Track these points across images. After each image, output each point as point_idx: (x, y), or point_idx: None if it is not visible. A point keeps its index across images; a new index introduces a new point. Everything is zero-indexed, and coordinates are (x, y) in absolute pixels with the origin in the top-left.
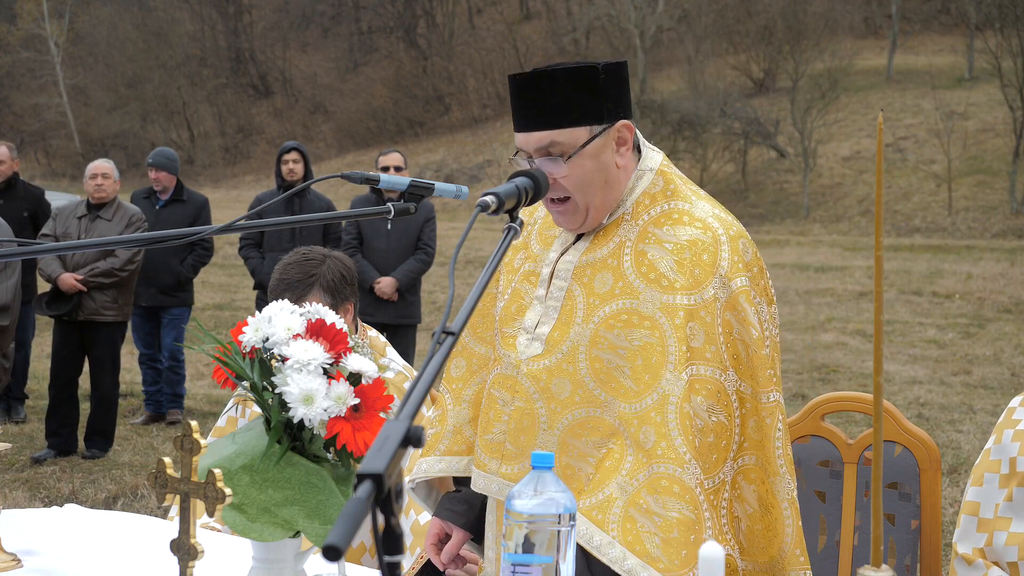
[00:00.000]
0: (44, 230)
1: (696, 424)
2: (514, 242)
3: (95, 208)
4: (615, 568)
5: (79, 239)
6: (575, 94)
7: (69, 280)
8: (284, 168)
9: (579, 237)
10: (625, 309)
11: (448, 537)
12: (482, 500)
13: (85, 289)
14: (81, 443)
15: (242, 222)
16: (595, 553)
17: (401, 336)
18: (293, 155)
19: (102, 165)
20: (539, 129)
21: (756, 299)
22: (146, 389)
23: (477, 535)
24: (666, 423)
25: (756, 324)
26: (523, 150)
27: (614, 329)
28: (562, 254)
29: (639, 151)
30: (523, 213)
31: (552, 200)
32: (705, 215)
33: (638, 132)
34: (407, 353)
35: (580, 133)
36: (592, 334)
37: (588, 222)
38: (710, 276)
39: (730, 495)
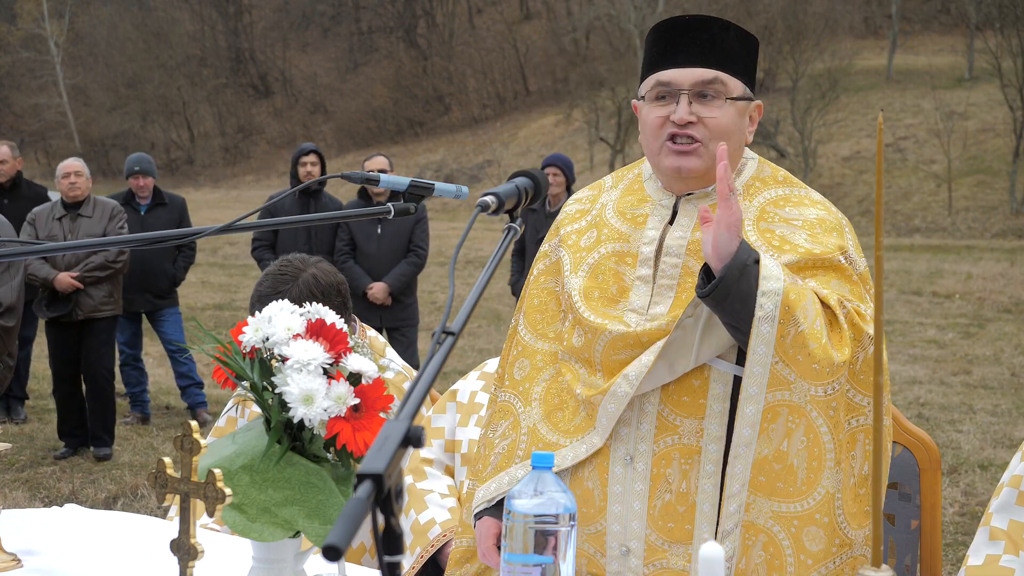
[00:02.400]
0: (22, 237)
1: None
2: (569, 210)
3: (72, 207)
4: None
5: (66, 240)
6: (741, 50)
7: (66, 279)
8: (302, 171)
9: (675, 214)
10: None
11: None
12: None
13: (82, 286)
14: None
15: (241, 222)
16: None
17: (400, 338)
18: (311, 157)
19: (73, 163)
20: (708, 66)
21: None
22: (130, 391)
23: None
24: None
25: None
26: (675, 85)
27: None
28: (664, 231)
29: None
30: (577, 202)
31: (675, 141)
32: (821, 200)
33: None
34: (408, 354)
35: (738, 85)
36: None
37: (708, 176)
38: (840, 252)
39: (862, 438)
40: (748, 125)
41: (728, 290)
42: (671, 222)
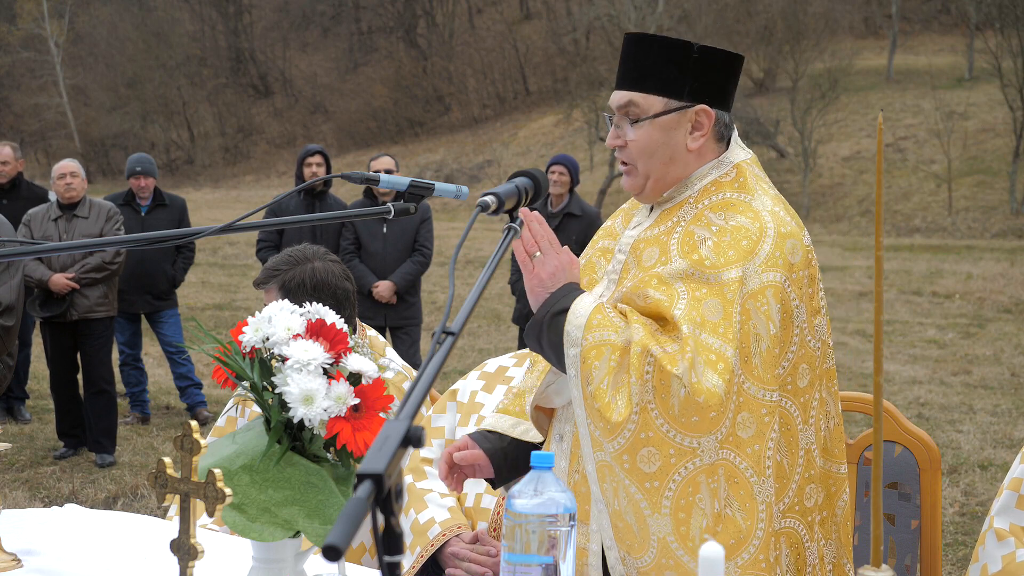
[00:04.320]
0: (18, 237)
1: (689, 376)
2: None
3: (68, 208)
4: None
5: (61, 240)
6: (663, 64)
7: (61, 280)
8: (307, 171)
9: (651, 214)
10: (654, 275)
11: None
12: (507, 447)
13: (78, 287)
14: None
15: (241, 222)
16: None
17: (404, 336)
18: (317, 159)
19: (69, 164)
20: (624, 88)
21: (793, 301)
22: (130, 391)
23: (496, 478)
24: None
25: (777, 321)
26: (611, 110)
27: (637, 290)
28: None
29: (727, 143)
30: (627, 201)
31: (621, 161)
32: (761, 208)
33: (735, 130)
34: (411, 354)
35: (656, 102)
36: (622, 296)
37: (647, 191)
38: (741, 261)
39: (703, 479)
40: (689, 132)
41: (533, 342)
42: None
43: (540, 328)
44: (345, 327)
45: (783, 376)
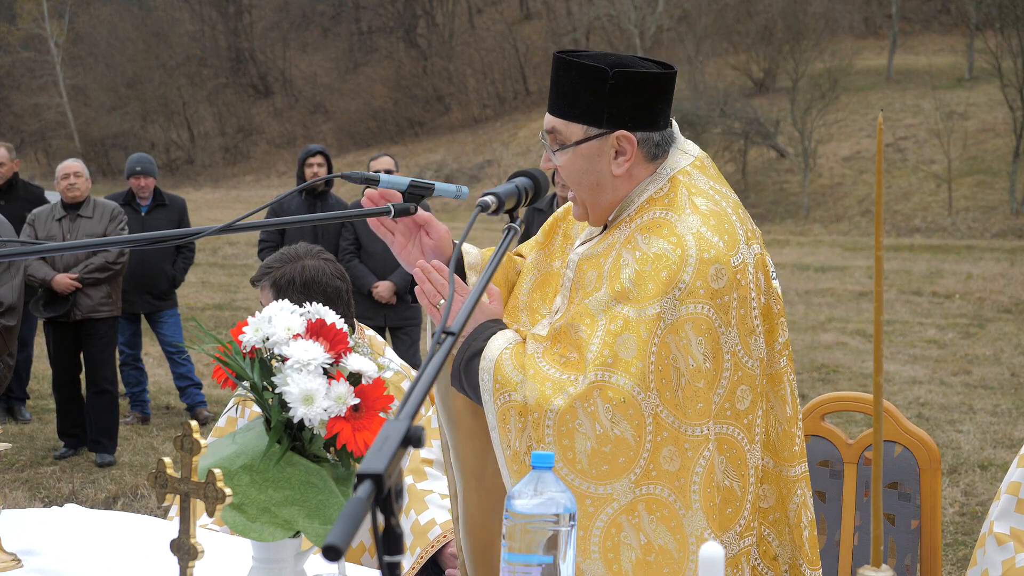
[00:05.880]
0: (22, 237)
1: (593, 428)
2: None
3: (72, 208)
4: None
5: (65, 240)
6: (581, 90)
7: (65, 280)
8: (308, 172)
9: (604, 229)
10: (585, 308)
11: None
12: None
13: (81, 287)
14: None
15: (241, 222)
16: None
17: (404, 337)
18: (318, 159)
19: (73, 164)
20: (550, 113)
21: (719, 328)
22: (130, 391)
23: None
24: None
25: (698, 355)
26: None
27: (573, 322)
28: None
29: (666, 156)
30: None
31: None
32: (685, 231)
33: (676, 134)
34: (411, 354)
35: (576, 130)
36: (560, 328)
37: (591, 219)
38: (661, 295)
39: (624, 519)
40: (612, 158)
41: (457, 386)
42: None
43: (459, 374)
44: (345, 327)
45: (720, 404)
